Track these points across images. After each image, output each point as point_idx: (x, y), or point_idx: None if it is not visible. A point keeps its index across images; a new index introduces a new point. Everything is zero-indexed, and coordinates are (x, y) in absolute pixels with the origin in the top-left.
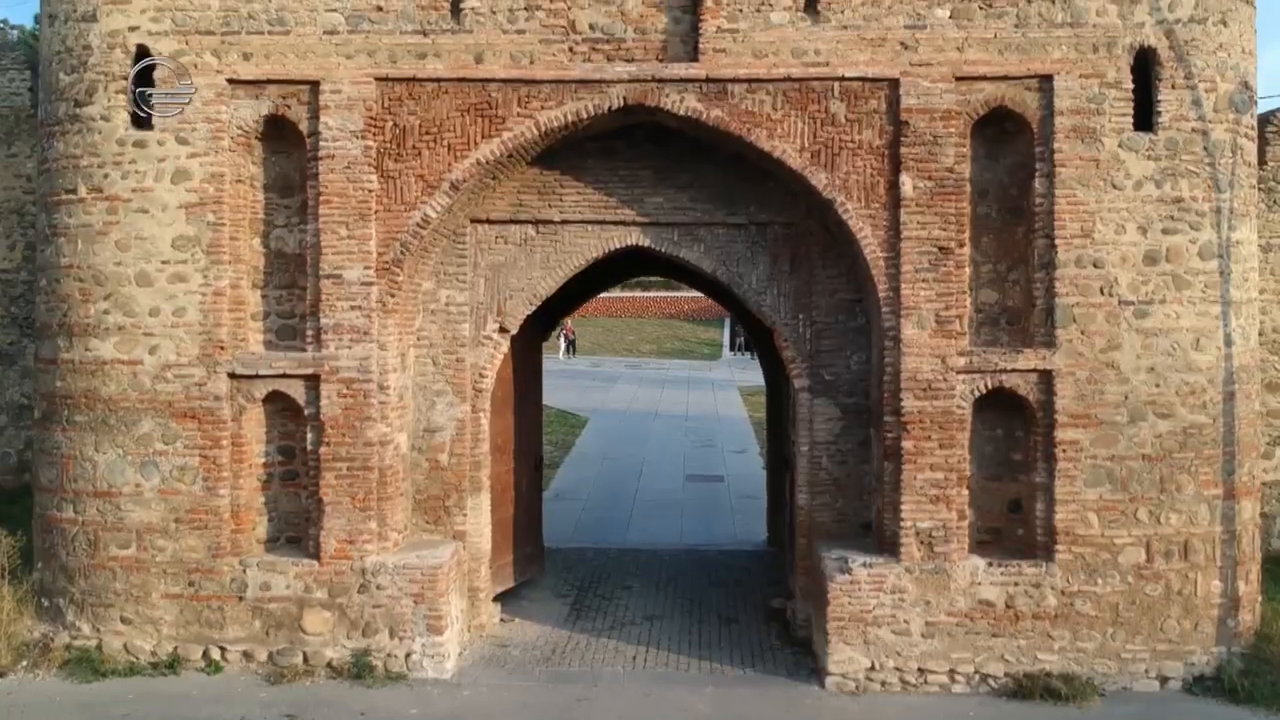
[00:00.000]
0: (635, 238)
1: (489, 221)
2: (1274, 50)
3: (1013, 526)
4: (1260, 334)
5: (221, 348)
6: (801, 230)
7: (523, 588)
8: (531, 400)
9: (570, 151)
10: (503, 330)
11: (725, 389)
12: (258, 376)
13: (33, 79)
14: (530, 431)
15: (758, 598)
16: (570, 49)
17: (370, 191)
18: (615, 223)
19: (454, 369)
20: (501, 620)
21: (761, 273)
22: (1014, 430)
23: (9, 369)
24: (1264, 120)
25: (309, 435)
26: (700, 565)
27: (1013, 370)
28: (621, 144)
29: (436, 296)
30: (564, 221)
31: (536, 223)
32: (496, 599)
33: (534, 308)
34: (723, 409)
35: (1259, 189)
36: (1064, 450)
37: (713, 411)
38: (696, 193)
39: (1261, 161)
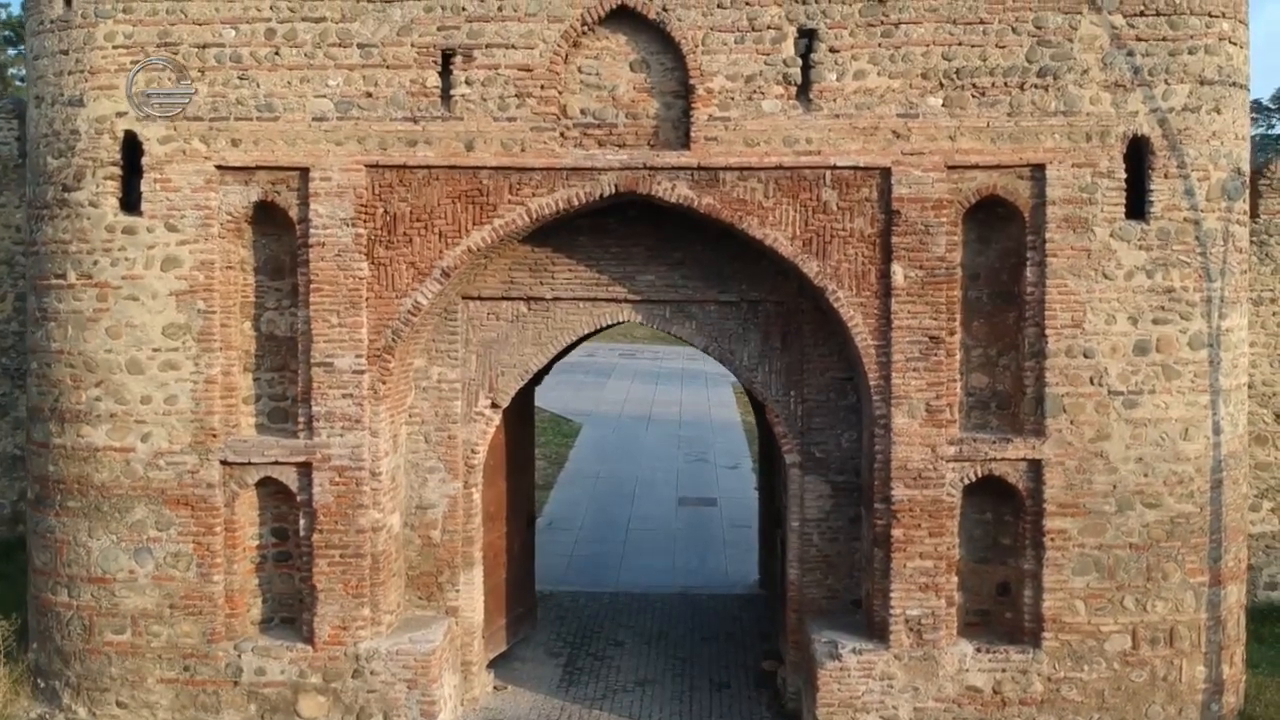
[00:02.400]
0: (627, 314)
1: (480, 298)
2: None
3: (1001, 609)
4: (1250, 386)
5: (214, 435)
6: (793, 308)
7: (516, 646)
8: (524, 461)
9: (562, 229)
10: (494, 406)
11: (718, 385)
12: (250, 464)
13: (20, 128)
14: (523, 493)
15: (749, 657)
16: (562, 134)
17: (361, 279)
18: (607, 299)
19: (446, 446)
20: (495, 688)
21: (753, 349)
22: (1003, 514)
23: (1, 420)
24: (1256, 174)
25: (302, 520)
26: (692, 613)
27: (1002, 459)
28: (613, 221)
29: (428, 374)
30: (556, 299)
31: (528, 299)
32: (490, 664)
33: (525, 382)
34: (715, 411)
35: (1252, 242)
36: (1052, 539)
37: (705, 415)
38: (688, 270)
39: (1254, 214)
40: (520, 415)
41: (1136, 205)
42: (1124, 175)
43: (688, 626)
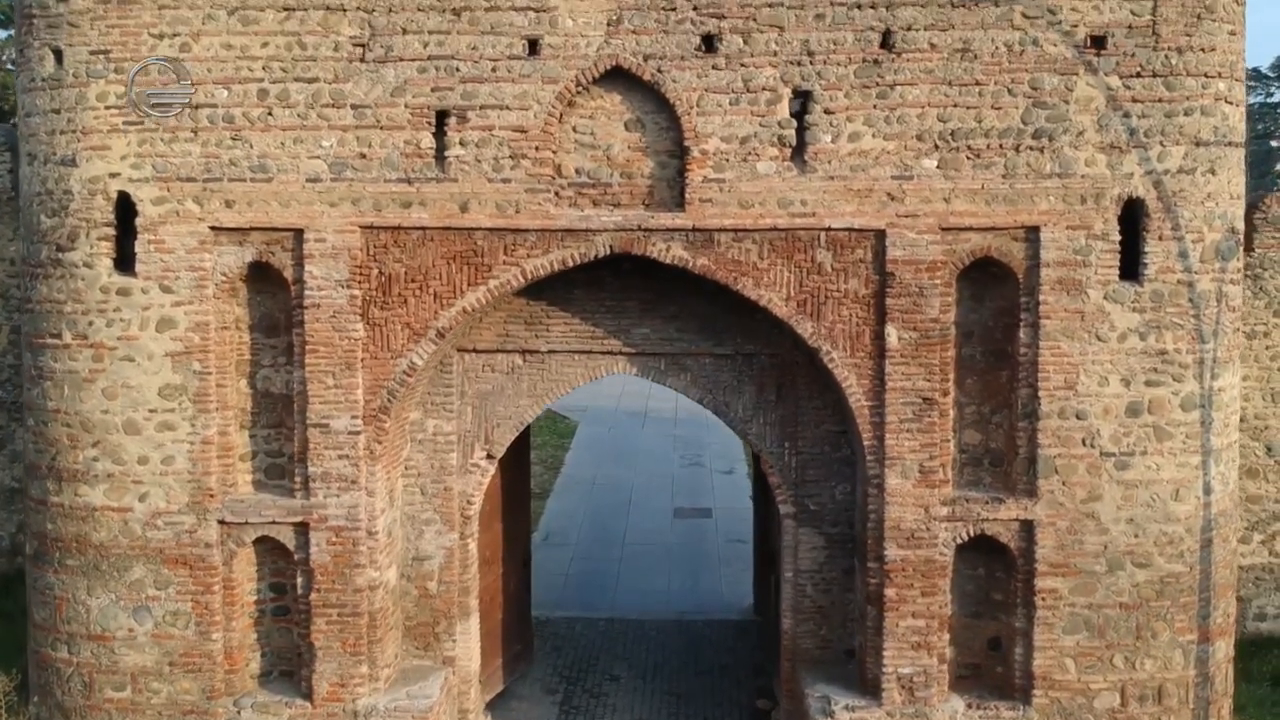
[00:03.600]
0: (622, 366)
1: (476, 351)
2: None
3: (992, 664)
4: (1242, 420)
5: (211, 495)
6: (787, 361)
7: (514, 683)
8: (520, 501)
9: (558, 282)
10: (490, 457)
11: None
12: (248, 524)
13: (13, 160)
14: (518, 533)
15: (743, 694)
16: (556, 194)
17: (356, 340)
18: (603, 352)
19: (442, 498)
20: None
21: (748, 401)
22: (995, 571)
23: None
24: (1251, 207)
25: (299, 579)
26: (687, 643)
27: (995, 519)
28: (608, 275)
29: (424, 426)
30: (551, 351)
31: (524, 352)
32: (488, 705)
33: (520, 432)
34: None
35: (1246, 275)
36: (1043, 598)
37: (700, 411)
38: (683, 323)
39: (1248, 248)
40: (515, 456)
41: (1130, 266)
42: (1118, 237)
43: (683, 659)
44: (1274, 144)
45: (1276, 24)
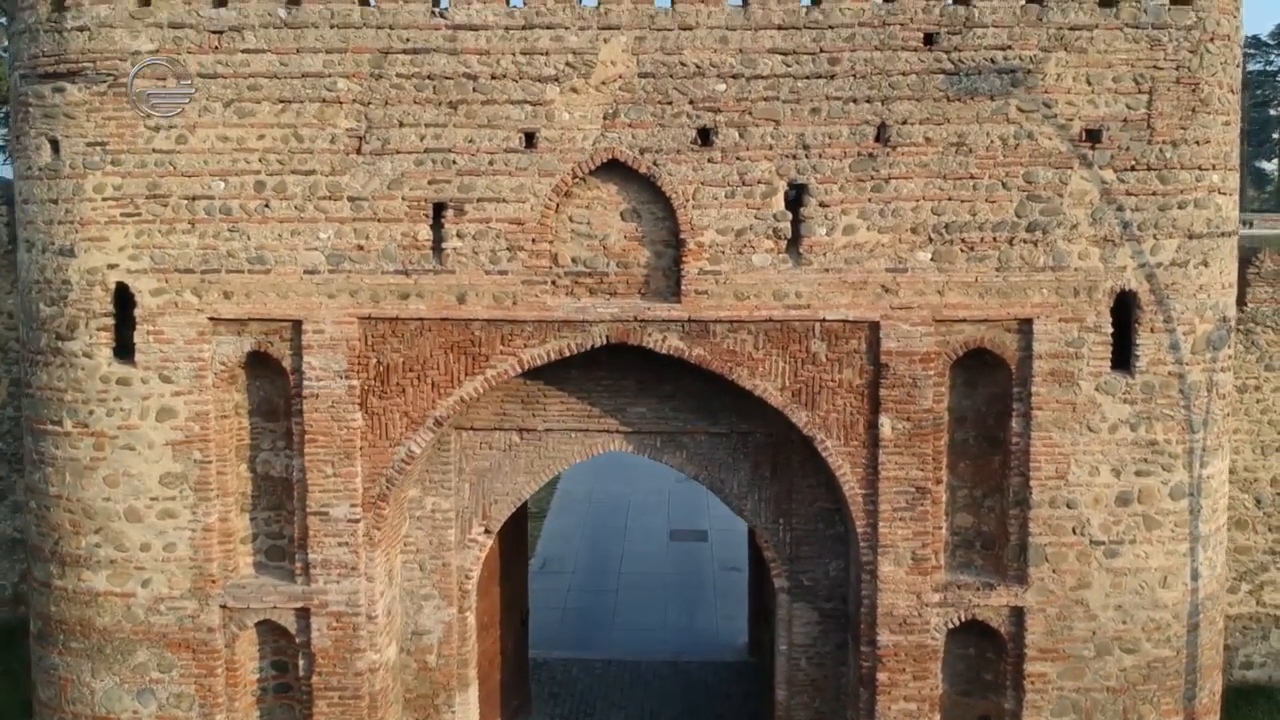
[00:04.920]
0: (618, 444)
1: (473, 429)
2: None
3: None
4: (1232, 472)
5: (213, 581)
6: (781, 439)
7: None
8: (518, 562)
9: (554, 363)
10: (488, 532)
11: None
12: (249, 608)
13: (9, 213)
14: (516, 593)
15: None
16: (553, 283)
17: (355, 429)
18: (599, 431)
19: (440, 574)
20: None
21: (743, 479)
22: (985, 651)
23: (0, 504)
24: (1244, 262)
25: (301, 661)
26: (683, 687)
27: (986, 605)
28: (605, 355)
29: (422, 504)
30: (548, 430)
31: (521, 430)
32: None
33: (517, 507)
34: None
35: (1238, 329)
36: (1032, 682)
37: None
38: (679, 402)
39: (1240, 303)
40: (513, 520)
41: (1122, 356)
42: (1110, 330)
43: (679, 707)
44: (1272, 112)
45: None
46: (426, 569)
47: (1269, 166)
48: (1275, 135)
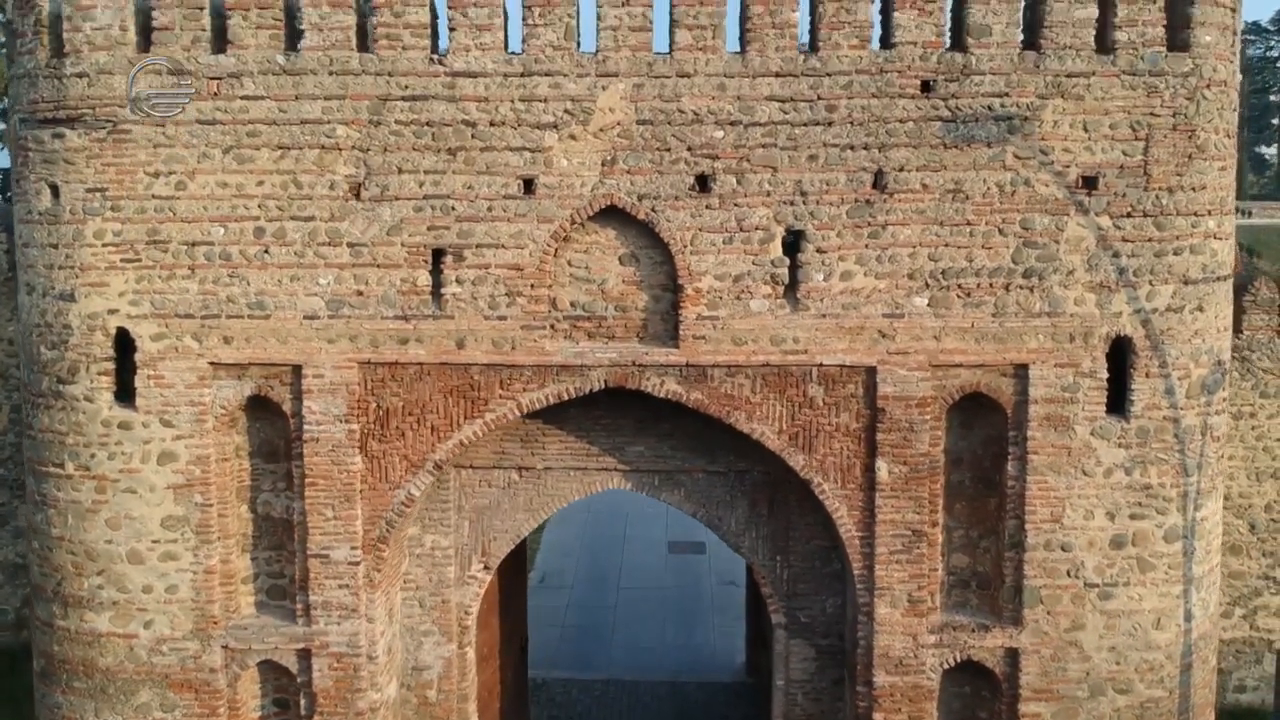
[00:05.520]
0: (617, 481)
1: (472, 467)
2: None
3: None
4: (1227, 498)
5: (215, 622)
6: (779, 478)
7: None
8: (517, 594)
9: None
10: (487, 569)
11: None
12: (251, 649)
13: (9, 240)
14: (515, 624)
15: None
16: (551, 327)
17: (355, 473)
18: (598, 469)
19: (440, 610)
20: None
21: (740, 516)
22: (980, 690)
23: (2, 529)
24: (1240, 289)
25: (303, 701)
26: (681, 709)
27: (981, 646)
28: (604, 394)
29: (422, 541)
30: (547, 468)
31: (519, 469)
32: None
33: (517, 544)
34: None
35: (1234, 357)
36: None
37: None
38: (677, 441)
39: (1237, 330)
40: (512, 552)
41: (1117, 400)
42: (1106, 375)
43: None
44: (1273, 98)
45: None
46: (426, 605)
47: (1269, 152)
48: (1275, 121)
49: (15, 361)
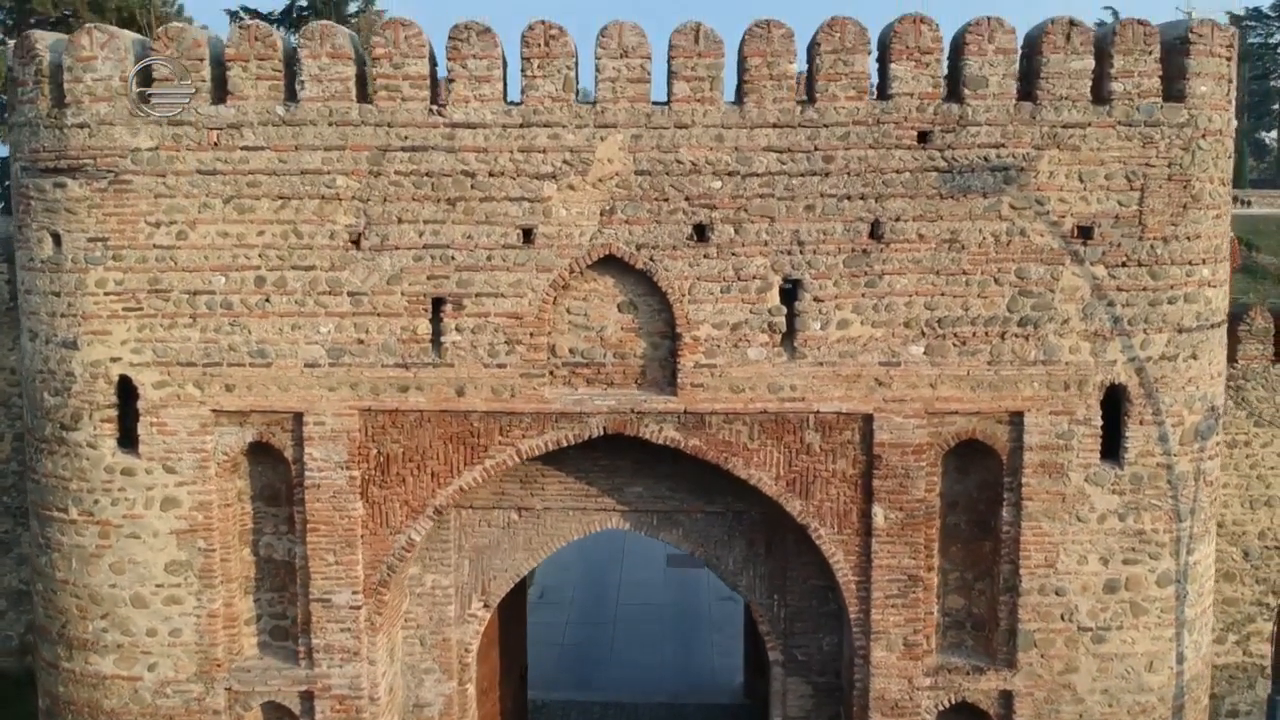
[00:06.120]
0: (615, 521)
1: (472, 508)
2: None
3: None
4: (1221, 526)
5: (218, 665)
6: (776, 518)
7: None
8: (517, 624)
9: None
10: (487, 607)
11: None
12: (254, 691)
13: (10, 270)
14: (515, 654)
15: None
16: (550, 373)
17: (356, 518)
18: (596, 509)
19: (440, 648)
20: None
21: (738, 555)
22: None
23: (5, 556)
24: (1235, 319)
25: None
26: None
27: (975, 689)
28: (602, 437)
29: (422, 581)
30: (546, 509)
31: (519, 509)
32: None
33: (516, 582)
34: None
35: (1229, 387)
36: None
37: None
38: (675, 482)
39: (1231, 359)
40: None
41: (1111, 447)
42: (1100, 422)
43: None
44: (1273, 84)
45: None
46: (427, 644)
47: (1269, 137)
48: (1275, 107)
49: (17, 390)
